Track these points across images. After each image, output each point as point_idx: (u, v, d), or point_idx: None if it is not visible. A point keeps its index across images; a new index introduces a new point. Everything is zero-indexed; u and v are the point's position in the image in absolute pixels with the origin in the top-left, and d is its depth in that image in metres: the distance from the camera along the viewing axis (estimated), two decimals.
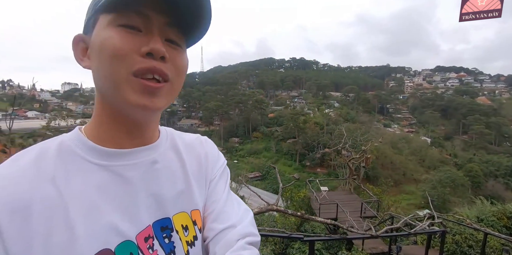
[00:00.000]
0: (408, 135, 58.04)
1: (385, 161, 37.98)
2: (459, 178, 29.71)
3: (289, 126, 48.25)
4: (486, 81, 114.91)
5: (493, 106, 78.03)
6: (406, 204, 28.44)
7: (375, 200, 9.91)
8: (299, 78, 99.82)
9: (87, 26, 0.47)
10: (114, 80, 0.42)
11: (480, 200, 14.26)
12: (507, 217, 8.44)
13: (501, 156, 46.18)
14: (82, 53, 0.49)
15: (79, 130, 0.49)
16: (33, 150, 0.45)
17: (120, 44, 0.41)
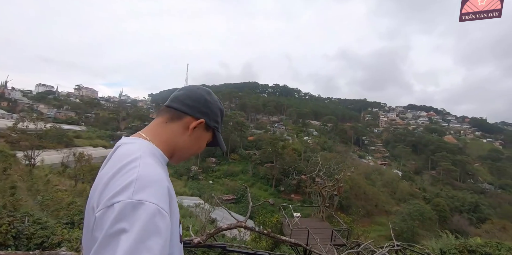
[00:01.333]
0: (381, 167, 59.85)
1: (359, 191, 38.54)
2: (427, 212, 30.60)
3: (267, 150, 48.33)
4: (452, 121, 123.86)
5: (459, 145, 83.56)
6: (377, 235, 28.42)
7: (345, 229, 9.99)
8: (281, 104, 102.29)
9: (210, 121, 0.87)
10: (187, 156, 0.90)
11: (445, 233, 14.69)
12: (468, 251, 8.74)
13: (465, 193, 48.73)
14: (195, 125, 0.83)
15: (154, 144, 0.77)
16: (149, 155, 0.70)
17: (200, 151, 0.92)
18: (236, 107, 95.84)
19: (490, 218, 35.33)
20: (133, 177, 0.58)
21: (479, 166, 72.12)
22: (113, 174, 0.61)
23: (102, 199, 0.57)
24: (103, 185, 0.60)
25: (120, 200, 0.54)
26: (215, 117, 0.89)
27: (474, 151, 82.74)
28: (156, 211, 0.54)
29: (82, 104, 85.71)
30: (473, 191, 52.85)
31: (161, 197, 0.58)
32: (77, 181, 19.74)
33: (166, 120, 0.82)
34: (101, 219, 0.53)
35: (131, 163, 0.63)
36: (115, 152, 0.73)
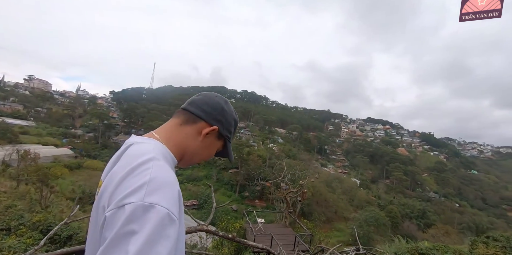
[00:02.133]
0: (341, 176, 62.44)
1: (320, 198, 39.65)
2: (381, 218, 32.43)
3: (233, 157, 48.12)
4: (405, 135, 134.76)
5: (410, 157, 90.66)
6: (336, 241, 29.39)
7: (308, 234, 10.04)
8: (248, 110, 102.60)
9: (223, 130, 0.88)
10: (196, 161, 0.90)
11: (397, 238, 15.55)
12: (419, 254, 9.30)
13: (415, 200, 52.70)
14: (208, 131, 0.84)
15: (166, 145, 0.78)
16: (161, 157, 0.71)
17: (209, 158, 0.95)
18: None
19: (435, 224, 38.54)
20: (146, 179, 0.58)
21: (427, 177, 78.76)
22: (125, 174, 0.61)
23: (113, 199, 0.57)
24: (115, 185, 0.60)
25: (131, 202, 0.54)
26: (229, 127, 0.90)
27: (423, 162, 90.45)
28: (166, 215, 0.54)
29: (32, 97, 77.63)
30: (421, 199, 57.59)
31: (172, 201, 0.58)
32: (19, 182, 17.63)
33: (181, 122, 0.83)
34: (112, 219, 0.53)
35: (144, 164, 0.63)
36: (127, 151, 0.73)
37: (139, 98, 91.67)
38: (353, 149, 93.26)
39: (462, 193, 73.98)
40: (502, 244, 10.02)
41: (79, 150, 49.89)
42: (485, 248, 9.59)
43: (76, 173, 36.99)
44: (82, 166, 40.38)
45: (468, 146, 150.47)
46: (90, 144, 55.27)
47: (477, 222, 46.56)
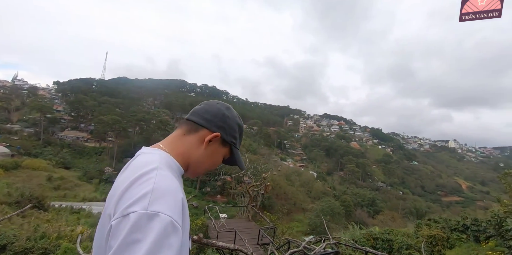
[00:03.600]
0: (299, 169, 64.81)
1: (280, 191, 40.67)
2: (336, 208, 34.42)
3: None
4: (357, 130, 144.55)
5: (361, 150, 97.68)
6: (295, 231, 30.50)
7: (271, 227, 10.09)
8: None
9: (226, 136, 0.87)
10: (202, 171, 0.89)
11: (352, 225, 16.54)
12: (373, 238, 9.95)
13: (366, 190, 57.16)
14: (210, 139, 0.83)
15: (171, 156, 0.79)
16: (166, 166, 0.72)
17: (216, 166, 0.93)
18: (161, 105, 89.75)
19: (383, 210, 42.24)
20: (149, 188, 0.60)
21: (375, 168, 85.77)
22: (130, 183, 0.63)
23: (118, 208, 0.59)
24: (120, 194, 0.62)
25: (135, 210, 0.55)
26: (232, 132, 0.89)
27: (372, 155, 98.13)
28: (170, 223, 0.56)
29: None
30: (371, 189, 62.73)
31: (175, 209, 0.60)
32: None
33: (184, 132, 0.85)
34: (117, 228, 0.55)
35: (148, 173, 0.65)
36: (133, 161, 0.75)
37: (88, 90, 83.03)
38: (311, 143, 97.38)
39: (405, 182, 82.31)
40: (441, 225, 11.18)
41: (16, 148, 44.38)
42: (428, 229, 10.61)
43: (13, 173, 32.98)
44: (20, 166, 36.22)
45: (410, 140, 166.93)
46: (30, 141, 49.41)
47: (417, 207, 52.31)
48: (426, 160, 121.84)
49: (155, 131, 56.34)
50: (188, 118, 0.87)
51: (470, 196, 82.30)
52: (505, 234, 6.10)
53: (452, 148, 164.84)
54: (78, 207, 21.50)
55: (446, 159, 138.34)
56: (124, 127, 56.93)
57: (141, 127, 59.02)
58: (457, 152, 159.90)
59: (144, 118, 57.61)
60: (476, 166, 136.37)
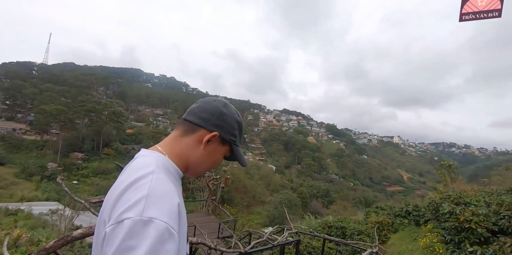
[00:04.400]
0: (259, 163, 65.85)
1: (239, 185, 40.94)
2: (293, 199, 35.86)
3: (148, 145, 43.55)
4: (314, 125, 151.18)
5: (317, 144, 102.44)
6: (255, 224, 31.05)
7: (232, 220, 10.07)
8: (167, 97, 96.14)
9: (225, 134, 0.83)
10: (203, 171, 0.86)
11: (308, 215, 17.29)
12: (328, 227, 10.51)
13: (320, 182, 60.61)
14: (208, 138, 0.80)
15: (169, 158, 0.76)
16: (162, 170, 0.69)
17: (217, 165, 0.89)
18: (114, 95, 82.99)
19: (335, 201, 45.13)
20: (144, 193, 0.58)
21: (330, 161, 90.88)
22: (125, 188, 0.61)
23: (113, 214, 0.57)
24: (115, 199, 0.60)
25: (130, 217, 0.54)
26: (231, 130, 0.86)
27: (327, 149, 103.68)
28: (165, 229, 0.54)
29: None
30: (325, 181, 66.50)
31: (170, 214, 0.58)
32: None
33: (181, 133, 0.82)
34: (111, 235, 0.53)
35: (143, 178, 0.63)
36: (131, 164, 0.74)
37: (27, 75, 72.66)
38: (270, 137, 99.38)
39: (355, 174, 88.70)
40: (387, 212, 12.23)
41: None
42: (376, 216, 11.53)
43: None
44: None
45: (361, 135, 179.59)
46: None
47: (366, 196, 56.97)
48: (374, 154, 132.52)
49: (107, 123, 52.08)
50: (184, 118, 0.84)
51: (410, 186, 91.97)
52: (440, 217, 6.84)
53: (396, 143, 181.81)
54: (15, 208, 19.14)
55: (391, 153, 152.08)
56: (71, 118, 51.53)
57: (91, 119, 54.04)
58: (400, 147, 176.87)
59: (94, 109, 52.73)
60: (415, 159, 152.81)
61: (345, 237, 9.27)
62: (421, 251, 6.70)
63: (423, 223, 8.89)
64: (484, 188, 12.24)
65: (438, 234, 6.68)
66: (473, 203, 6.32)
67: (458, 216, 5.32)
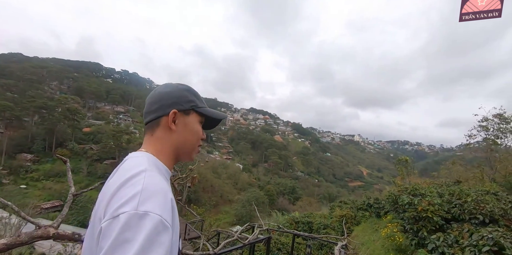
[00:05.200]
0: (226, 162, 65.36)
1: (206, 184, 40.22)
2: (261, 197, 36.17)
3: (108, 144, 41.81)
4: (280, 124, 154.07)
5: (284, 143, 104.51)
6: (223, 223, 30.71)
7: (199, 220, 9.76)
8: (129, 93, 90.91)
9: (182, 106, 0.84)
10: (193, 148, 0.87)
11: (275, 212, 17.47)
12: (295, 222, 10.68)
13: (287, 179, 62.00)
14: (172, 120, 0.82)
15: (156, 157, 0.79)
16: (154, 168, 0.72)
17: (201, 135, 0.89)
18: (69, 90, 76.06)
19: (301, 197, 46.35)
20: (139, 189, 0.60)
21: (296, 159, 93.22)
22: (119, 185, 0.63)
23: (108, 210, 0.59)
24: (110, 196, 0.62)
25: (125, 211, 0.55)
26: (185, 99, 0.86)
27: (293, 148, 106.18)
28: (160, 222, 0.56)
29: None
30: (291, 178, 68.13)
31: (164, 208, 0.60)
32: None
33: (151, 132, 0.84)
34: (107, 229, 0.54)
35: (137, 175, 0.65)
36: (122, 165, 0.76)
37: None
38: (237, 136, 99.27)
39: (320, 171, 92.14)
40: (350, 206, 12.77)
41: None
42: (340, 210, 11.99)
43: None
44: None
45: (325, 134, 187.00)
46: None
47: (329, 192, 59.40)
48: (337, 151, 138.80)
49: (60, 121, 47.69)
50: (145, 123, 0.86)
51: (369, 181, 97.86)
52: (399, 208, 7.27)
53: (357, 141, 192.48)
54: None
55: (352, 150, 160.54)
56: (18, 115, 46.59)
57: (42, 116, 49.12)
58: (361, 145, 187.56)
59: (45, 105, 47.95)
60: (374, 156, 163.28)
61: (312, 232, 9.49)
62: (382, 241, 7.06)
63: (384, 214, 9.40)
64: (434, 181, 13.36)
65: (398, 224, 7.08)
66: (428, 194, 6.80)
67: (416, 206, 5.67)
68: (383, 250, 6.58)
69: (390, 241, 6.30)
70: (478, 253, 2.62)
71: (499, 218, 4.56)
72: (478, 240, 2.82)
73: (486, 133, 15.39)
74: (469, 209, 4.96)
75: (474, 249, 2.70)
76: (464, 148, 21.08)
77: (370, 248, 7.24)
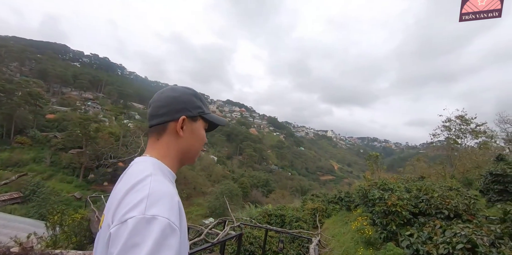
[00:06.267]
0: (200, 154, 64.45)
1: (179, 176, 39.40)
2: (235, 189, 36.14)
3: (75, 133, 39.14)
4: (256, 117, 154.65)
5: (259, 136, 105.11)
6: (195, 215, 30.45)
7: None
8: (99, 79, 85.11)
9: (191, 112, 0.85)
10: (197, 152, 0.89)
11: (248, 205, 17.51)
12: (268, 215, 10.71)
13: (261, 172, 62.64)
14: (180, 126, 0.82)
15: (161, 161, 0.79)
16: (159, 172, 0.73)
17: (205, 140, 0.91)
18: (31, 73, 69.85)
19: (275, 190, 47.16)
20: (145, 193, 0.61)
21: (270, 153, 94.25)
22: (126, 191, 0.64)
23: (116, 216, 0.59)
24: (117, 202, 0.63)
25: (133, 216, 0.56)
26: (193, 105, 0.87)
27: (268, 141, 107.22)
28: (167, 225, 0.56)
29: None
30: (265, 171, 68.90)
31: (172, 211, 0.61)
32: None
33: (156, 137, 0.83)
34: (116, 235, 0.55)
35: (143, 181, 0.66)
36: (127, 171, 0.77)
37: None
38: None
39: (293, 165, 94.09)
40: (321, 199, 13.07)
41: None
42: (311, 203, 12.22)
43: None
44: None
45: (299, 129, 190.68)
46: None
47: (302, 185, 60.98)
48: (310, 146, 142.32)
49: (21, 106, 43.68)
50: (150, 125, 0.86)
51: (340, 175, 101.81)
52: (368, 202, 7.49)
53: (330, 137, 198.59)
54: None
55: (325, 145, 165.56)
56: None
57: None
58: (333, 140, 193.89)
59: (3, 88, 43.55)
60: (345, 151, 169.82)
61: (284, 224, 9.56)
62: (352, 234, 7.25)
63: (354, 208, 9.69)
64: (401, 176, 14.03)
65: (367, 217, 7.30)
66: (396, 189, 7.05)
67: (386, 201, 5.82)
68: (353, 242, 6.76)
69: (360, 234, 6.47)
70: (452, 251, 2.68)
71: (462, 213, 4.80)
72: (452, 237, 2.89)
73: (448, 133, 16.44)
74: (435, 204, 5.18)
75: (448, 246, 2.76)
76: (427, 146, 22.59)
77: (340, 240, 7.42)
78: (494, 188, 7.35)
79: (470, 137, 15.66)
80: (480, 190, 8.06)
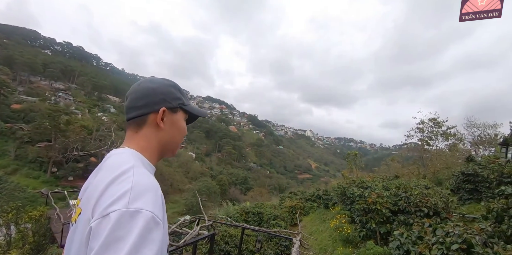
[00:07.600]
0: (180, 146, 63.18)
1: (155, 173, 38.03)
2: (213, 187, 35.63)
3: (43, 125, 36.70)
4: (236, 115, 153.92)
5: (239, 134, 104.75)
6: (171, 213, 29.60)
7: None
8: (72, 69, 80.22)
9: (171, 104, 0.82)
10: (178, 145, 0.88)
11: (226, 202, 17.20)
12: (245, 213, 10.47)
13: (240, 170, 62.47)
14: (161, 117, 0.80)
15: (142, 154, 0.77)
16: (140, 165, 0.70)
17: (186, 132, 0.89)
18: None
19: (253, 187, 47.04)
20: (128, 186, 0.59)
21: (249, 150, 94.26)
22: (108, 183, 0.61)
23: (97, 209, 0.57)
24: (98, 195, 0.60)
25: (116, 209, 0.54)
26: (172, 96, 0.84)
27: (248, 139, 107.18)
28: (151, 218, 0.55)
29: None
30: (244, 169, 68.66)
31: (156, 205, 0.59)
32: None
33: (135, 129, 0.80)
34: (98, 229, 0.53)
35: (125, 172, 0.63)
36: (106, 162, 0.74)
37: None
38: (191, 124, 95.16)
39: (272, 163, 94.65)
40: (299, 197, 13.01)
41: None
42: (290, 201, 12.12)
43: None
44: None
45: (279, 127, 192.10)
46: None
47: (280, 183, 61.42)
48: (289, 145, 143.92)
49: None
50: (128, 118, 0.82)
51: (317, 174, 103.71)
52: (346, 200, 7.45)
53: (308, 136, 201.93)
54: None
55: (303, 144, 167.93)
56: None
57: None
58: (311, 139, 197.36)
59: None
60: (323, 151, 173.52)
61: (262, 222, 9.35)
62: (330, 232, 7.16)
63: (332, 206, 9.66)
64: (376, 175, 14.35)
65: (346, 215, 7.24)
66: (374, 187, 7.05)
67: (366, 198, 5.75)
68: (331, 240, 6.67)
69: (338, 232, 6.38)
70: (447, 251, 2.56)
71: (441, 211, 4.82)
72: (444, 237, 2.78)
73: (421, 135, 17.03)
74: (415, 202, 5.17)
75: (442, 246, 2.64)
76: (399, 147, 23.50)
77: (318, 238, 7.31)
78: (465, 187, 7.57)
79: (441, 139, 16.30)
80: (451, 189, 8.30)
